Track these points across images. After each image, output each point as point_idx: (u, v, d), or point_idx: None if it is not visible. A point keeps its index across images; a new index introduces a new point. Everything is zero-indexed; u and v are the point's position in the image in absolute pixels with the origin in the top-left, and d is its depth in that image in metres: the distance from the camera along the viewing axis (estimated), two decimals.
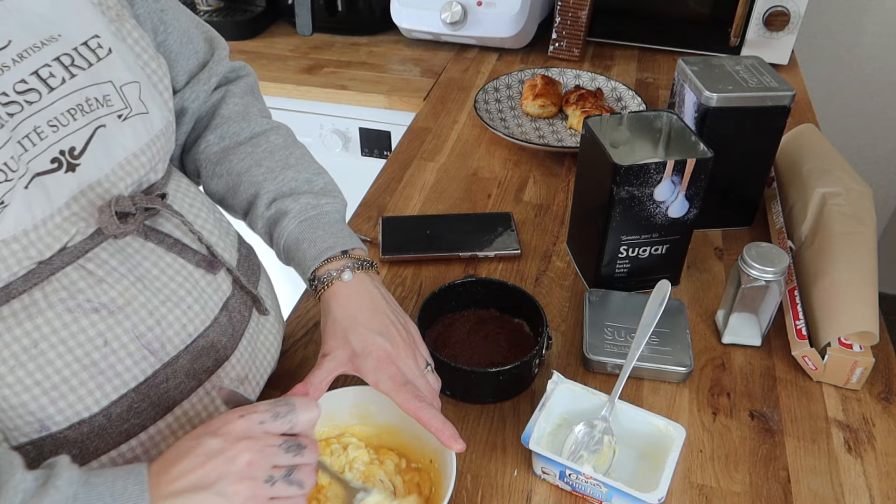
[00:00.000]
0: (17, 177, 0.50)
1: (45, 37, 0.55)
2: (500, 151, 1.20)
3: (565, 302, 0.90)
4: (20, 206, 0.51)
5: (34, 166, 0.52)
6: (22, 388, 0.53)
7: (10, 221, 0.50)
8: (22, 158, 0.51)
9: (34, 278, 0.54)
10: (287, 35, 1.61)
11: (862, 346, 0.76)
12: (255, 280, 0.73)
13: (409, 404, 0.63)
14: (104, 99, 0.57)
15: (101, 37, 0.58)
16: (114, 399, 0.57)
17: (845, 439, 0.74)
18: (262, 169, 0.73)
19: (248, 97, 0.79)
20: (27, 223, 0.52)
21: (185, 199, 0.67)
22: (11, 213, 0.50)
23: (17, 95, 0.52)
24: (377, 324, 0.67)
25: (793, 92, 0.88)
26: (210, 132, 0.75)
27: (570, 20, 1.47)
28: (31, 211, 0.52)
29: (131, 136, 0.59)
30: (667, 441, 0.67)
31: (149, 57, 0.63)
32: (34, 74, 0.53)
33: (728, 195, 0.98)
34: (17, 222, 0.51)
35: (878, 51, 1.81)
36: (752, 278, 0.77)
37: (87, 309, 0.55)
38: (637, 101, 1.26)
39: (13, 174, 0.50)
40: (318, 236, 0.70)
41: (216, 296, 0.64)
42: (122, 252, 0.58)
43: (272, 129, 0.77)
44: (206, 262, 0.64)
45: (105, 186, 0.57)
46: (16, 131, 0.51)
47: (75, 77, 0.56)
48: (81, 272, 0.56)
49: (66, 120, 0.54)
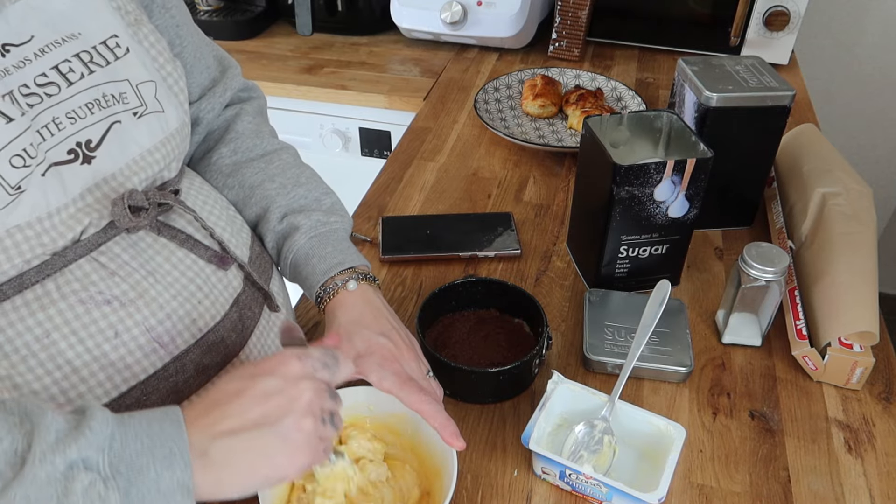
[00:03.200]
0: (35, 164, 0.52)
1: (66, 34, 0.57)
2: (500, 151, 1.20)
3: (565, 302, 0.90)
4: (36, 193, 0.52)
5: (52, 156, 0.54)
6: (33, 377, 0.54)
7: (27, 207, 0.52)
8: (40, 147, 0.53)
9: (47, 269, 0.55)
10: (287, 35, 1.61)
11: (862, 346, 0.76)
12: (268, 277, 0.74)
13: (413, 398, 0.63)
14: (120, 96, 0.59)
15: (120, 37, 0.60)
16: (123, 391, 0.57)
17: (845, 439, 0.74)
18: (275, 184, 0.76)
19: (259, 118, 0.83)
20: (42, 210, 0.53)
21: (199, 196, 0.68)
22: (28, 199, 0.52)
23: (37, 88, 0.54)
24: (380, 326, 0.68)
25: (793, 92, 0.88)
26: (224, 145, 0.78)
27: (570, 20, 1.47)
28: (47, 198, 0.53)
29: (146, 133, 0.61)
30: (667, 441, 0.67)
31: (164, 60, 0.65)
32: (54, 69, 0.55)
33: (728, 195, 0.98)
34: (33, 209, 0.52)
35: (878, 51, 1.81)
36: (752, 278, 0.77)
37: (99, 301, 0.56)
38: (637, 101, 1.26)
39: (31, 161, 0.52)
40: (328, 252, 0.72)
41: (227, 292, 0.65)
42: (134, 246, 0.59)
43: (283, 148, 0.81)
44: (217, 257, 0.65)
45: (119, 180, 0.59)
46: (35, 121, 0.53)
47: (93, 73, 0.58)
48: (94, 265, 0.57)
49: (84, 113, 0.56)
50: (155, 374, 0.59)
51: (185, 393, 0.61)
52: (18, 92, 0.53)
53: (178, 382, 0.60)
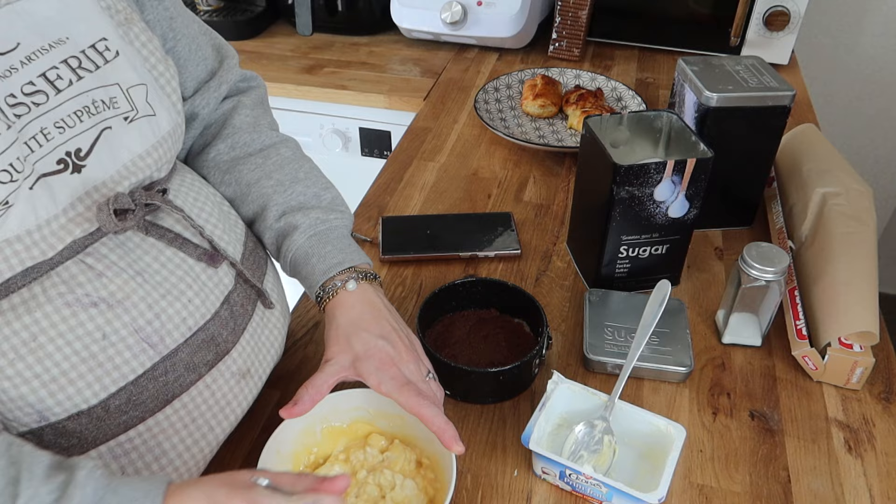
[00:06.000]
0: (22, 178, 0.51)
1: (53, 39, 0.55)
2: (500, 151, 1.20)
3: (565, 302, 0.90)
4: (24, 207, 0.51)
5: (40, 167, 0.53)
6: (21, 380, 0.53)
7: (14, 221, 0.51)
8: (28, 159, 0.52)
9: (33, 273, 0.54)
10: (287, 35, 1.61)
11: (862, 346, 0.76)
12: (261, 274, 0.73)
13: (412, 401, 0.63)
14: (110, 101, 0.58)
15: (109, 39, 0.59)
16: (112, 391, 0.57)
17: (845, 439, 0.74)
18: (272, 181, 0.75)
19: (259, 109, 0.80)
20: (31, 223, 0.52)
21: (190, 194, 0.67)
22: (15, 214, 0.51)
23: (24, 97, 0.53)
24: (379, 329, 0.68)
25: (793, 92, 0.88)
26: (220, 141, 0.76)
27: (570, 20, 1.47)
28: (36, 212, 0.52)
29: (137, 139, 0.59)
30: (667, 441, 0.67)
31: (156, 60, 0.63)
32: (42, 76, 0.54)
33: (728, 195, 0.98)
34: (21, 222, 0.51)
35: (878, 51, 1.81)
36: (752, 278, 0.77)
37: (86, 303, 0.56)
38: (637, 101, 1.26)
39: (18, 175, 0.51)
40: (328, 251, 0.72)
41: (217, 289, 0.65)
42: (122, 247, 0.59)
43: (281, 142, 0.79)
44: (207, 255, 0.64)
45: (110, 187, 0.58)
46: (23, 132, 0.52)
47: (82, 79, 0.56)
48: (81, 266, 0.56)
49: (73, 122, 0.55)
50: (144, 373, 0.59)
51: (176, 391, 0.61)
52: (5, 102, 0.52)
53: (168, 381, 0.60)
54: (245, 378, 0.67)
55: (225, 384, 0.64)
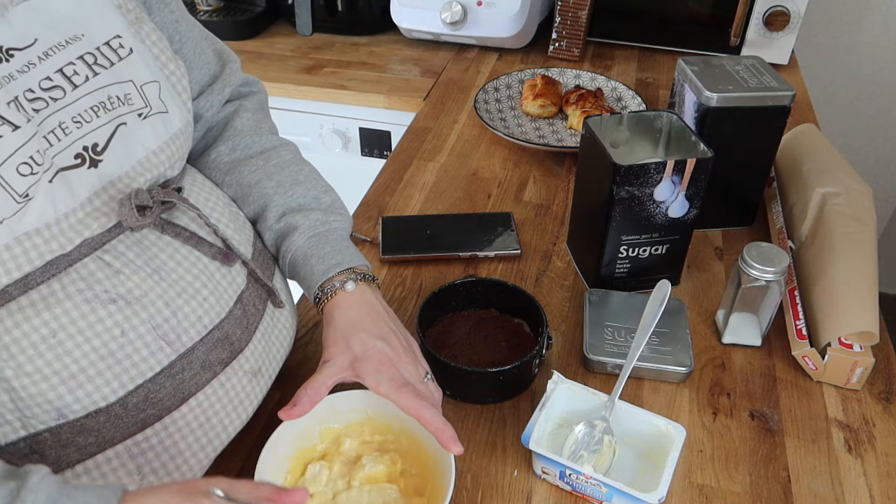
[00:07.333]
0: (42, 170, 0.52)
1: (70, 36, 0.56)
2: (500, 151, 1.20)
3: (565, 302, 0.90)
4: (44, 200, 0.52)
5: (59, 161, 0.54)
6: (40, 377, 0.54)
7: (34, 214, 0.52)
8: (47, 153, 0.53)
9: (52, 269, 0.54)
10: (287, 35, 1.61)
11: (862, 346, 0.76)
12: (271, 273, 0.74)
13: (410, 403, 0.63)
14: (125, 97, 0.59)
15: (123, 37, 0.60)
16: (130, 389, 0.58)
17: (845, 439, 0.74)
18: (273, 182, 0.75)
19: (260, 114, 0.82)
20: (50, 217, 0.53)
21: (202, 193, 0.68)
22: (35, 207, 0.52)
23: (42, 92, 0.54)
24: (378, 330, 0.68)
25: (793, 92, 0.88)
26: (222, 143, 0.77)
27: (570, 20, 1.47)
28: (55, 205, 0.53)
29: (151, 135, 0.60)
30: (667, 441, 0.67)
31: (167, 59, 0.64)
32: (59, 72, 0.55)
33: (728, 195, 0.98)
34: (41, 216, 0.52)
35: (878, 51, 1.81)
36: (752, 278, 0.77)
37: (105, 300, 0.56)
38: (637, 101, 1.26)
39: (38, 168, 0.52)
40: (327, 252, 0.72)
41: (231, 288, 0.65)
42: (138, 244, 0.59)
43: (282, 145, 0.80)
44: (221, 254, 0.65)
45: (125, 182, 0.58)
46: (42, 126, 0.53)
47: (98, 76, 0.57)
48: (99, 263, 0.57)
49: (90, 117, 0.56)
50: (162, 371, 0.59)
51: (192, 389, 0.61)
52: (24, 97, 0.52)
53: (184, 379, 0.60)
54: (257, 377, 0.67)
55: (238, 383, 0.65)
